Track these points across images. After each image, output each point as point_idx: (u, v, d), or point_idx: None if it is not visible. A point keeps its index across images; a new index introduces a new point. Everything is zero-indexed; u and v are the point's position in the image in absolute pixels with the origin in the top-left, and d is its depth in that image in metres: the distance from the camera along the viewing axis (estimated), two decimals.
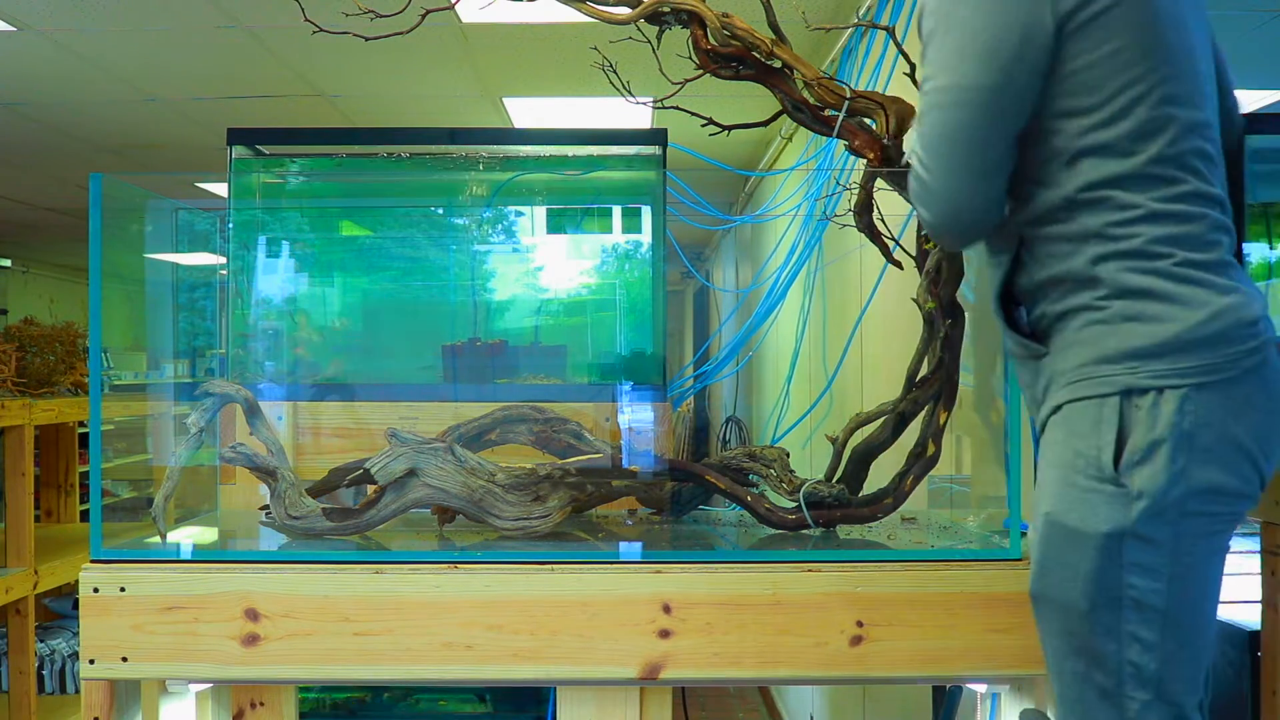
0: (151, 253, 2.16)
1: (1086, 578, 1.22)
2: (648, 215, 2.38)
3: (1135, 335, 1.23)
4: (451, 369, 2.33)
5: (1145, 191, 1.24)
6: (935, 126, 1.28)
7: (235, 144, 2.31)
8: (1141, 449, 1.21)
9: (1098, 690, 1.24)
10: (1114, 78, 1.24)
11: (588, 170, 2.42)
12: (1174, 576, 1.21)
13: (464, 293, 2.48)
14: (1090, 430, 1.24)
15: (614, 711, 1.65)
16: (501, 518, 1.74)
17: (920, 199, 1.32)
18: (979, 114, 1.25)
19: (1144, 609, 1.21)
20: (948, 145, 1.27)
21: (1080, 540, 1.23)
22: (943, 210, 1.30)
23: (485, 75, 3.99)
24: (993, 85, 1.24)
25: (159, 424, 2.16)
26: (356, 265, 2.55)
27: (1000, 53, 1.23)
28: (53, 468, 3.88)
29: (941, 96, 1.26)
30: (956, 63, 1.24)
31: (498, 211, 2.45)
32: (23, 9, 3.29)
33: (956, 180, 1.28)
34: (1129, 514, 1.20)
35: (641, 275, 2.40)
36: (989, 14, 1.23)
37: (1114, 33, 1.23)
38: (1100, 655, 1.23)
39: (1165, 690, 1.23)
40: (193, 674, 1.64)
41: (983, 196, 1.30)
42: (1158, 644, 1.22)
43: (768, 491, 1.83)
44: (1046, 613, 1.28)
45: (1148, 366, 1.22)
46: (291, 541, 1.74)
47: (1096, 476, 1.22)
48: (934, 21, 1.27)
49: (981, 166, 1.28)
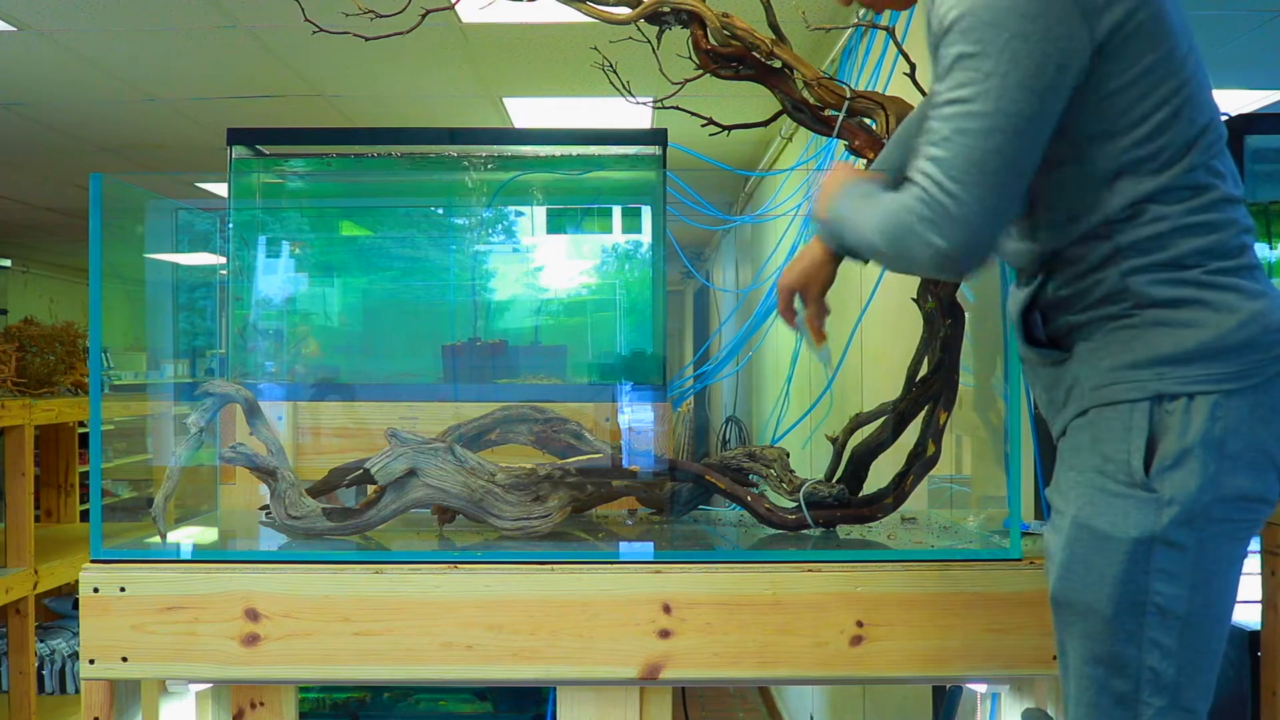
0: (151, 253, 2.16)
1: (1113, 582, 1.22)
2: (648, 215, 2.39)
3: (1165, 341, 1.22)
4: (451, 369, 2.33)
5: (1179, 203, 1.23)
6: (965, 152, 1.22)
7: (235, 144, 2.31)
8: (1173, 455, 1.20)
9: (1114, 695, 1.23)
10: (1147, 96, 1.22)
11: (588, 170, 2.42)
12: (1196, 583, 1.21)
13: (464, 293, 2.48)
14: (1120, 435, 1.23)
15: (614, 711, 1.65)
16: (501, 518, 1.74)
17: (934, 226, 1.24)
18: (1016, 142, 1.21)
19: (1166, 615, 1.21)
20: (978, 172, 1.21)
21: (1109, 545, 1.22)
22: (962, 238, 1.24)
23: (485, 75, 3.99)
24: (1032, 114, 1.20)
25: (159, 424, 2.16)
26: (356, 265, 2.55)
27: (1040, 80, 1.19)
28: (53, 468, 3.88)
29: (975, 122, 1.21)
30: (996, 87, 1.19)
31: (498, 211, 2.45)
32: (23, 9, 3.29)
33: (985, 208, 1.23)
34: (1159, 519, 1.20)
35: (641, 275, 2.40)
36: (1031, 40, 1.19)
37: (1143, 51, 1.21)
38: (1120, 660, 1.23)
39: (1181, 697, 1.22)
40: (193, 674, 1.64)
41: (1004, 225, 1.27)
42: (1177, 650, 1.22)
43: (768, 491, 1.83)
44: (1067, 616, 1.27)
45: (1178, 372, 1.21)
46: (291, 541, 1.74)
47: (1127, 482, 1.21)
48: (968, 42, 1.21)
49: (1012, 195, 1.24)
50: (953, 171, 1.23)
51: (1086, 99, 1.23)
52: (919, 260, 1.28)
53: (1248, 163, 1.93)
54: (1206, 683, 1.24)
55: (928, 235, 1.24)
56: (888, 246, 1.31)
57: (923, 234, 1.25)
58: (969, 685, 1.85)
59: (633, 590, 1.61)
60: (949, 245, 1.24)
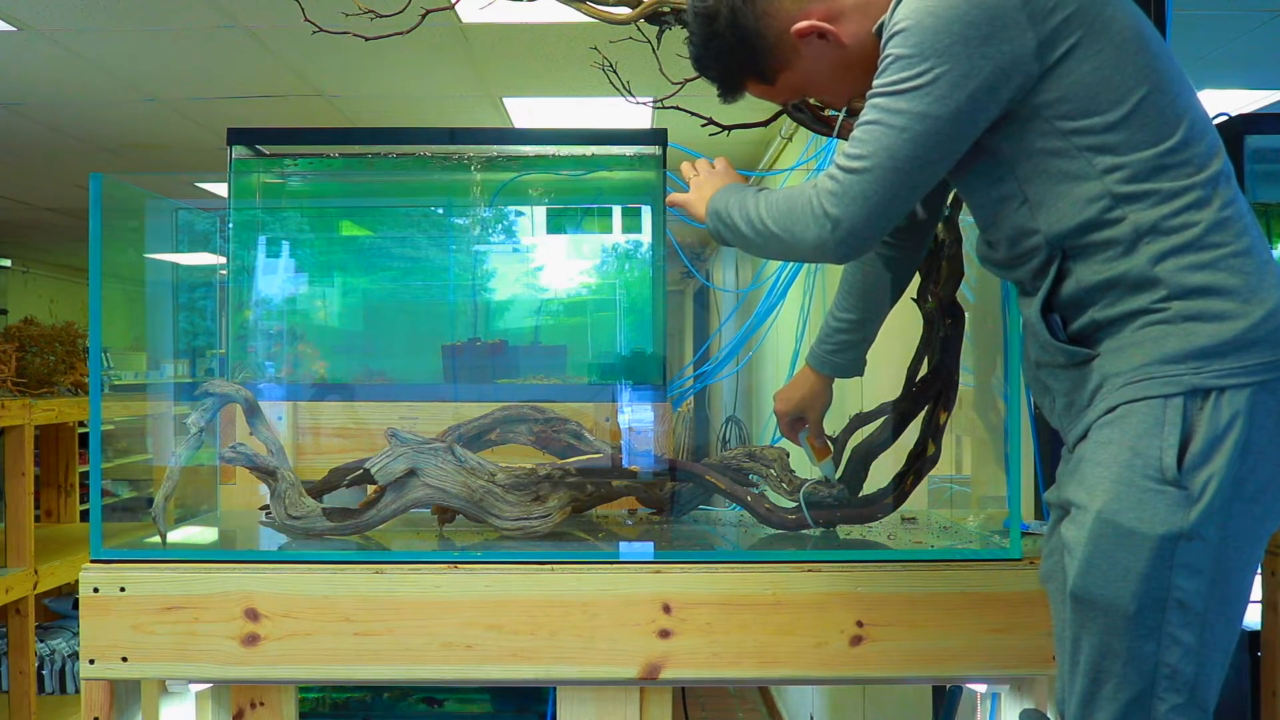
0: (151, 253, 2.16)
1: (1138, 579, 1.21)
2: (648, 215, 2.38)
3: (1199, 335, 1.21)
4: (451, 369, 2.33)
5: (1187, 177, 1.23)
6: (883, 136, 1.25)
7: (235, 144, 2.31)
8: (1202, 450, 1.20)
9: (1131, 691, 1.23)
10: (1116, 79, 1.23)
11: (588, 170, 2.42)
12: (1215, 579, 1.21)
13: (464, 293, 2.48)
14: (1152, 431, 1.22)
15: (614, 711, 1.65)
16: (501, 518, 1.74)
17: (833, 198, 1.28)
18: (934, 138, 1.24)
19: (1187, 611, 1.21)
20: (888, 157, 1.24)
21: (1136, 541, 1.21)
22: (856, 215, 1.27)
23: (485, 75, 3.99)
24: (955, 114, 1.23)
25: (159, 424, 2.16)
26: (357, 265, 2.55)
27: (970, 83, 1.21)
28: (53, 468, 3.88)
29: (898, 118, 1.24)
30: (927, 83, 1.21)
31: (498, 211, 2.45)
32: (23, 9, 3.29)
33: (886, 191, 1.26)
34: (1188, 516, 1.19)
35: (641, 275, 2.40)
36: (971, 45, 1.20)
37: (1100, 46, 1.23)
38: (1138, 656, 1.22)
39: (1198, 695, 1.22)
40: (193, 674, 1.64)
41: (896, 218, 1.30)
42: (1196, 648, 1.21)
43: (768, 491, 1.83)
44: (1087, 611, 1.25)
45: (1212, 366, 1.20)
46: (291, 541, 1.74)
47: (1157, 478, 1.20)
48: (907, 45, 1.23)
49: (914, 187, 1.28)
50: (865, 149, 1.26)
51: (1054, 99, 1.24)
52: (803, 239, 1.32)
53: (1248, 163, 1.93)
54: (1220, 681, 1.24)
55: (824, 207, 1.28)
56: (776, 223, 1.35)
57: (818, 208, 1.29)
58: (969, 685, 1.85)
59: (633, 590, 1.61)
60: (840, 218, 1.28)
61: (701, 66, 1.47)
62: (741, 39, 1.39)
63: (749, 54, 1.40)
